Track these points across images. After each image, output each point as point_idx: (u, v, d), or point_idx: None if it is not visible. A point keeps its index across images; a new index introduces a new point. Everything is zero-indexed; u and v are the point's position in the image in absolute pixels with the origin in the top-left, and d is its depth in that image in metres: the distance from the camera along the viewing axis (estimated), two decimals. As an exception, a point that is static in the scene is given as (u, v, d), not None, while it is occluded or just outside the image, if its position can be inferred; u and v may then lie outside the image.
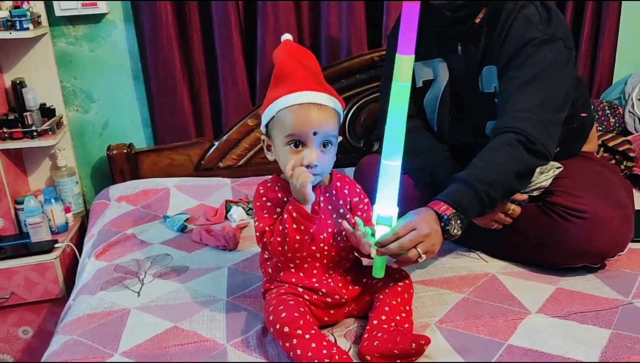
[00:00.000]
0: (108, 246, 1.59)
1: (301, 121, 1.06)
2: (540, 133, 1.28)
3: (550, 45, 1.34)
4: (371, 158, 1.67)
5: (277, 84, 1.11)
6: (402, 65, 1.07)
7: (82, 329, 1.18)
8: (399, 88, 1.08)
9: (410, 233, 1.11)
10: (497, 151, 1.28)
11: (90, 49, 2.02)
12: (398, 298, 1.12)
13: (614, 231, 1.28)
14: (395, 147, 1.10)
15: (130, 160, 2.02)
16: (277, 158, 1.12)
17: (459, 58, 1.46)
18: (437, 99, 1.53)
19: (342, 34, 2.06)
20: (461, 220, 1.19)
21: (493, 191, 1.23)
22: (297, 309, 1.05)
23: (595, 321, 1.14)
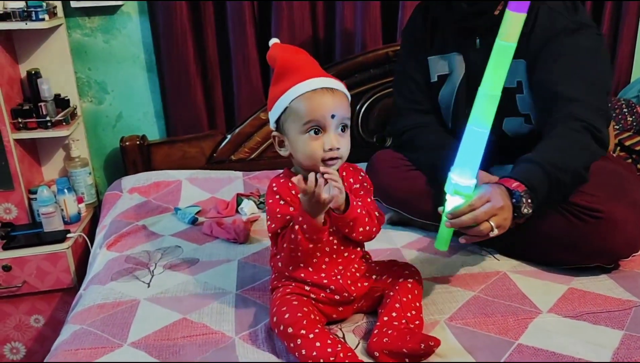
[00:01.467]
0: (119, 237, 1.59)
1: (318, 105, 1.05)
2: (601, 122, 1.28)
3: (583, 31, 1.34)
4: (384, 153, 1.66)
5: (282, 78, 1.09)
6: (511, 22, 1.02)
7: (92, 319, 1.19)
8: (502, 48, 1.04)
9: (485, 204, 1.08)
10: (565, 137, 1.25)
11: (105, 40, 2.03)
12: (409, 295, 1.12)
13: (629, 231, 1.26)
14: (487, 112, 1.06)
15: (143, 152, 2.03)
16: (295, 149, 1.09)
17: (478, 52, 1.44)
18: (452, 94, 1.52)
19: (356, 29, 2.05)
20: (532, 199, 1.16)
21: (563, 176, 1.20)
22: (301, 309, 1.04)
23: (607, 322, 1.13)
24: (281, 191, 1.10)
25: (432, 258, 1.41)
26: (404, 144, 1.59)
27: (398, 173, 1.56)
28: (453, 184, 1.09)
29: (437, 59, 1.52)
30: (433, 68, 1.54)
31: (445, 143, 1.50)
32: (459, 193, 1.09)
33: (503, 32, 1.04)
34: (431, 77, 1.55)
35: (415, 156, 1.55)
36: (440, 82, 1.54)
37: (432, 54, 1.55)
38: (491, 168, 1.54)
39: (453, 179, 1.10)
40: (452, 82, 1.51)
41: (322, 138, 1.06)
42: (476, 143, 1.08)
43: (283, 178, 1.13)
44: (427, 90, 1.57)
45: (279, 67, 1.11)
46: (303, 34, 2.03)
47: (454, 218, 1.10)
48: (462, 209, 1.09)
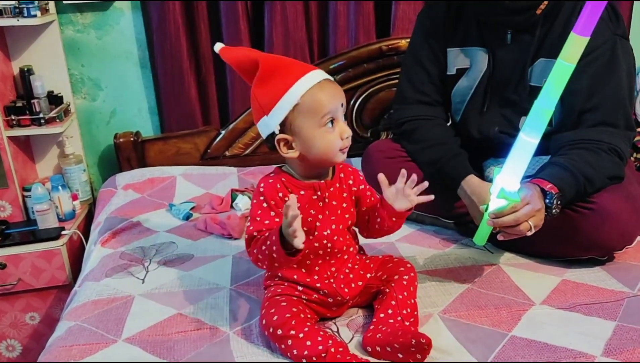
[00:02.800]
0: (114, 233, 1.59)
1: (331, 96, 1.04)
2: (627, 146, 1.35)
3: (621, 45, 1.34)
4: (381, 144, 1.65)
5: (272, 78, 1.04)
6: (574, 44, 1.05)
7: (87, 315, 1.19)
8: (563, 67, 1.07)
9: (525, 206, 1.16)
10: (595, 153, 1.30)
11: (98, 36, 2.02)
12: (404, 292, 1.11)
13: (622, 223, 1.27)
14: (539, 125, 1.12)
15: (137, 148, 2.03)
16: (310, 145, 1.04)
17: (508, 48, 1.42)
18: (470, 89, 1.49)
19: (350, 23, 2.05)
20: (561, 202, 1.23)
21: (589, 187, 1.27)
22: (289, 309, 1.03)
23: (600, 313, 1.14)
24: (267, 193, 1.08)
25: (425, 252, 1.42)
26: (403, 134, 1.57)
27: (394, 164, 1.55)
28: (500, 188, 1.16)
29: (457, 51, 1.49)
30: (452, 61, 1.51)
31: (446, 141, 1.50)
32: (506, 197, 1.15)
33: (565, 53, 1.07)
34: (448, 69, 1.52)
35: (414, 148, 1.54)
36: (457, 76, 1.51)
37: (452, 46, 1.50)
38: (487, 160, 1.55)
39: (500, 184, 1.16)
40: (472, 76, 1.48)
41: (335, 128, 1.05)
42: (525, 152, 1.14)
43: (273, 178, 1.10)
44: (438, 82, 1.54)
45: (267, 67, 1.05)
46: (296, 29, 2.03)
47: (496, 217, 1.16)
48: (506, 210, 1.15)
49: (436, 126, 1.53)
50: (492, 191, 1.18)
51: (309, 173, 1.10)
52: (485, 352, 1.03)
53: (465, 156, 1.45)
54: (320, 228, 1.10)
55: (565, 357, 1.01)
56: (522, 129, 1.13)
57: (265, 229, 1.05)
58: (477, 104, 1.49)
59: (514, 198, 1.15)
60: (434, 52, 1.52)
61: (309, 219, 1.09)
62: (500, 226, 1.18)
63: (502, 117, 1.46)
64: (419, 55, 1.54)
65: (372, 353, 1.02)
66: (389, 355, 1.01)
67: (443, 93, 1.55)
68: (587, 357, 1.00)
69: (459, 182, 1.40)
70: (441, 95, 1.55)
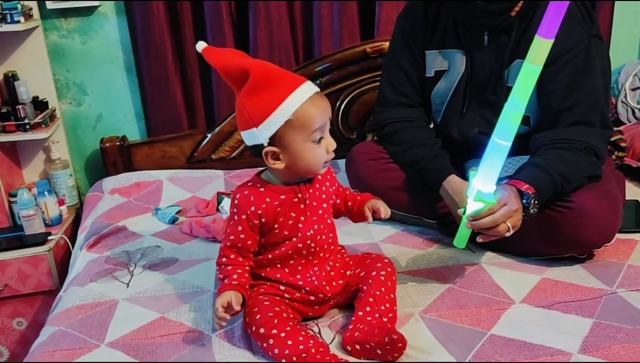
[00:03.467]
0: (99, 238, 1.60)
1: (322, 112, 1.04)
2: (604, 146, 1.36)
3: (596, 43, 1.35)
4: (363, 146, 1.67)
5: (264, 89, 1.01)
6: (539, 47, 1.06)
7: (70, 320, 1.19)
8: (530, 70, 1.08)
9: (502, 208, 1.17)
10: (572, 152, 1.31)
11: (83, 41, 2.02)
12: (382, 287, 1.12)
13: (601, 221, 1.28)
14: (510, 127, 1.13)
15: (123, 152, 2.03)
16: (298, 159, 1.05)
17: (485, 50, 1.44)
18: (449, 91, 1.51)
19: (334, 26, 2.06)
20: (538, 201, 1.24)
21: (566, 185, 1.28)
22: (272, 309, 1.05)
23: (578, 310, 1.15)
24: (239, 206, 1.08)
25: (408, 252, 1.43)
26: (385, 136, 1.59)
27: (377, 165, 1.57)
28: (477, 191, 1.17)
29: (435, 53, 1.51)
30: (430, 63, 1.52)
31: (427, 142, 1.51)
32: (482, 199, 1.16)
33: (531, 56, 1.08)
34: (427, 71, 1.53)
35: (395, 150, 1.56)
36: (436, 78, 1.52)
37: (430, 48, 1.52)
38: (468, 161, 1.57)
39: (476, 186, 1.17)
40: (450, 78, 1.50)
41: (322, 142, 1.07)
42: (499, 154, 1.15)
43: (248, 189, 1.09)
44: (418, 84, 1.56)
45: (258, 78, 1.01)
46: (281, 32, 2.04)
47: (474, 220, 1.17)
48: (483, 212, 1.17)
49: (417, 128, 1.54)
50: (469, 194, 1.19)
51: (291, 180, 1.11)
52: (464, 351, 1.04)
53: (446, 157, 1.47)
54: (303, 229, 1.11)
55: (543, 354, 1.02)
56: (494, 133, 1.15)
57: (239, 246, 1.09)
58: (456, 106, 1.51)
59: (490, 200, 1.16)
60: (412, 55, 1.53)
61: (290, 222, 1.10)
62: (479, 229, 1.19)
63: (482, 118, 1.48)
64: (399, 58, 1.56)
65: (352, 352, 1.04)
66: (368, 353, 1.02)
67: (423, 95, 1.57)
68: (564, 354, 1.02)
69: (441, 182, 1.41)
70: (422, 97, 1.57)
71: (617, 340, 1.04)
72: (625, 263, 1.33)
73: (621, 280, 1.26)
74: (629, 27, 2.31)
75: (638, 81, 2.10)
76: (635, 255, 1.36)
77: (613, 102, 2.09)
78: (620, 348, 1.02)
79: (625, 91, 2.09)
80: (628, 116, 2.08)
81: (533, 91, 1.40)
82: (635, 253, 1.37)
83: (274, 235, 1.11)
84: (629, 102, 2.08)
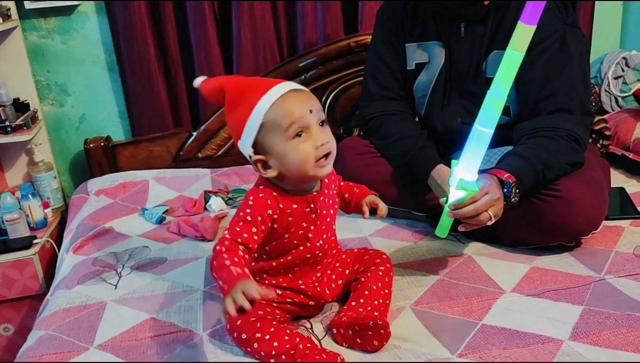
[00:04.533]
0: (86, 240, 1.58)
1: (294, 106, 0.99)
2: (585, 132, 1.37)
3: (572, 34, 1.36)
4: (350, 140, 1.66)
5: (239, 102, 1.02)
6: (522, 33, 1.06)
7: (58, 324, 1.17)
8: (512, 57, 1.08)
9: (484, 196, 1.17)
10: (553, 140, 1.32)
11: (63, 41, 2.00)
12: (379, 282, 1.13)
13: (586, 209, 1.29)
14: (493, 115, 1.13)
15: (108, 153, 2.01)
16: (285, 161, 1.01)
17: (462, 41, 1.44)
18: (430, 83, 1.51)
19: (318, 21, 2.05)
20: (520, 190, 1.24)
21: (548, 173, 1.28)
22: (255, 313, 1.00)
23: (568, 298, 1.16)
24: (255, 208, 1.02)
25: (398, 245, 1.43)
26: (371, 130, 1.59)
27: (364, 160, 1.57)
28: (459, 179, 1.17)
29: (415, 46, 1.51)
30: (410, 56, 1.53)
31: (413, 134, 1.51)
32: (464, 188, 1.16)
33: (514, 42, 1.08)
34: (408, 64, 1.54)
35: (381, 144, 1.56)
36: (417, 70, 1.53)
37: (410, 41, 1.52)
38: (454, 153, 1.57)
39: (458, 175, 1.17)
40: (431, 71, 1.50)
41: (308, 138, 1.00)
42: (481, 142, 1.15)
43: (263, 193, 1.05)
44: (400, 77, 1.56)
45: (232, 93, 1.03)
46: (264, 28, 2.03)
47: (456, 209, 1.17)
48: (465, 201, 1.16)
49: (402, 121, 1.54)
50: (451, 183, 1.19)
51: (297, 188, 1.07)
52: (457, 341, 1.04)
53: (432, 148, 1.47)
54: (312, 239, 1.09)
55: (534, 342, 1.02)
56: (477, 120, 1.15)
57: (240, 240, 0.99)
58: (438, 98, 1.51)
59: (472, 188, 1.16)
60: (394, 48, 1.54)
61: (300, 232, 1.08)
62: (461, 217, 1.19)
63: (464, 109, 1.48)
64: (380, 52, 1.56)
65: (336, 336, 1.04)
66: (351, 338, 1.02)
67: (406, 88, 1.57)
68: (555, 341, 1.02)
69: (429, 172, 1.41)
70: (405, 90, 1.57)
71: (607, 326, 1.05)
72: (613, 249, 1.34)
73: (609, 266, 1.27)
74: (611, 16, 2.32)
75: (620, 70, 2.11)
76: (622, 242, 1.37)
77: (597, 91, 2.10)
78: (610, 334, 1.03)
79: (609, 79, 2.11)
80: (612, 104, 2.10)
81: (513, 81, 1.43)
82: (622, 240, 1.38)
83: (282, 244, 1.08)
84: (612, 90, 2.10)
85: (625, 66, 2.11)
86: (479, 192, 1.17)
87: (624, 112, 1.99)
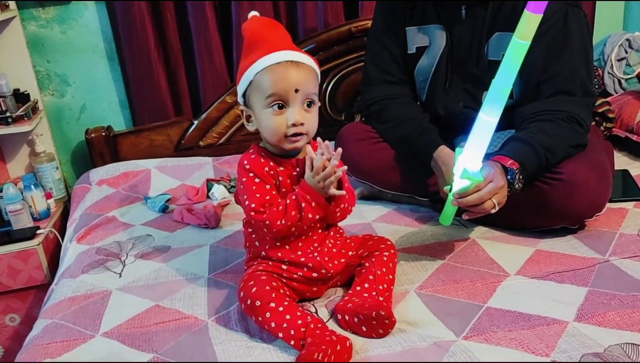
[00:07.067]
0: (89, 229, 1.58)
1: (281, 79, 1.03)
2: (588, 114, 1.36)
3: (573, 14, 1.34)
4: (352, 126, 1.65)
5: (250, 51, 1.07)
6: (528, 22, 1.05)
7: (63, 312, 1.18)
8: (518, 46, 1.07)
9: (488, 185, 1.17)
10: (554, 123, 1.31)
11: (62, 31, 1.98)
12: (383, 267, 1.13)
13: (590, 191, 1.29)
14: (498, 103, 1.12)
15: (110, 143, 2.00)
16: (260, 124, 1.08)
17: (463, 23, 1.43)
18: (431, 67, 1.50)
19: (318, 6, 2.03)
20: (523, 176, 1.24)
21: (551, 157, 1.28)
22: (269, 283, 1.04)
23: (572, 280, 1.16)
24: (254, 169, 1.08)
25: (402, 230, 1.43)
26: (372, 115, 1.58)
27: (366, 145, 1.56)
28: (463, 168, 1.16)
29: (415, 30, 1.50)
30: (411, 39, 1.52)
31: (415, 117, 1.51)
32: (469, 177, 1.16)
33: (519, 31, 1.07)
34: (409, 48, 1.53)
35: (383, 128, 1.55)
36: (418, 54, 1.52)
37: (410, 25, 1.51)
38: (457, 137, 1.56)
39: (463, 164, 1.17)
40: (432, 54, 1.49)
41: (285, 113, 1.04)
42: (486, 131, 1.15)
43: (254, 154, 1.10)
44: (401, 61, 1.55)
45: (248, 41, 1.09)
46: (265, 13, 1.99)
47: (460, 197, 1.17)
48: (469, 190, 1.16)
49: (404, 104, 1.53)
50: (455, 172, 1.19)
51: (280, 151, 1.10)
52: (462, 323, 1.04)
53: (435, 130, 1.47)
54: None
55: (539, 324, 1.02)
56: (482, 109, 1.14)
57: (267, 202, 1.06)
58: (439, 81, 1.50)
59: (477, 178, 1.16)
60: (394, 32, 1.53)
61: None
62: (465, 206, 1.18)
63: (466, 93, 1.48)
64: (381, 36, 1.55)
65: (341, 322, 1.04)
66: (356, 326, 1.02)
67: (407, 72, 1.56)
68: (560, 323, 1.02)
69: (431, 154, 1.41)
70: (406, 74, 1.56)
71: (612, 307, 1.05)
72: (617, 231, 1.34)
73: (613, 248, 1.27)
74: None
75: (624, 52, 2.10)
76: (627, 224, 1.37)
77: (600, 73, 2.09)
78: (615, 315, 1.03)
79: (612, 62, 2.09)
80: (615, 86, 2.08)
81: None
82: (626, 222, 1.38)
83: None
84: (615, 73, 2.08)
85: (628, 47, 2.10)
86: (483, 181, 1.16)
87: (628, 95, 1.98)
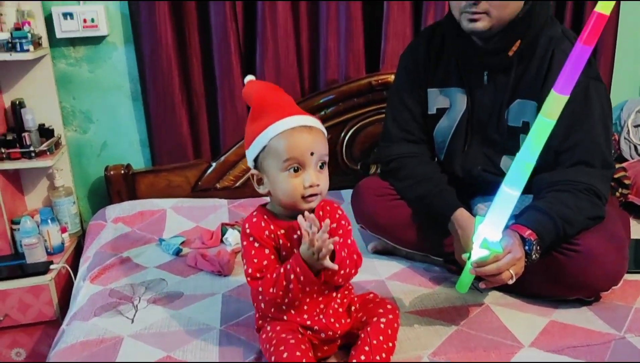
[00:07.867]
0: (103, 269, 1.59)
1: (297, 144, 1.06)
2: (606, 187, 1.37)
3: (595, 85, 1.37)
4: (370, 181, 1.66)
5: (258, 116, 1.10)
6: (554, 102, 1.09)
7: (75, 357, 1.18)
8: (543, 123, 1.10)
9: (507, 256, 1.18)
10: (573, 194, 1.32)
11: (90, 70, 2.03)
12: (380, 336, 1.10)
13: (607, 265, 1.28)
14: (521, 177, 1.14)
15: (128, 181, 2.03)
16: (275, 187, 1.09)
17: (485, 88, 1.46)
18: (451, 128, 1.53)
19: (340, 58, 2.08)
20: (540, 247, 1.25)
21: (569, 228, 1.28)
22: (299, 347, 1.04)
23: (588, 356, 1.14)
24: (254, 233, 1.10)
25: (415, 290, 1.42)
26: (391, 172, 1.59)
27: (383, 201, 1.57)
28: (483, 238, 1.18)
29: (437, 91, 1.53)
30: (432, 100, 1.54)
31: (433, 176, 1.52)
32: (488, 247, 1.17)
33: (545, 110, 1.10)
34: (429, 109, 1.55)
35: (402, 186, 1.56)
36: (438, 115, 1.54)
37: (432, 86, 1.54)
38: (474, 198, 1.57)
39: (483, 234, 1.18)
40: (452, 116, 1.52)
41: (301, 175, 1.07)
42: (507, 203, 1.16)
43: (256, 217, 1.13)
44: (421, 121, 1.57)
45: (256, 106, 1.12)
46: (288, 64, 2.05)
47: (479, 267, 1.18)
48: (488, 260, 1.17)
49: (422, 163, 1.55)
50: (475, 241, 1.19)
51: (287, 212, 1.12)
52: (476, 397, 1.03)
53: (452, 192, 1.48)
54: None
55: (554, 402, 1.01)
56: (504, 181, 1.16)
57: (264, 268, 1.08)
58: (458, 144, 1.52)
59: (496, 249, 1.17)
60: (416, 92, 1.56)
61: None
62: (483, 275, 1.19)
63: (484, 156, 1.49)
64: (402, 95, 1.58)
65: None
66: None
67: (427, 132, 1.58)
68: (575, 402, 1.01)
69: (449, 216, 1.42)
70: (425, 133, 1.59)
71: (629, 388, 1.04)
72: (632, 306, 1.32)
73: (629, 324, 1.25)
74: (631, 64, 2.33)
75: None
76: (642, 298, 1.36)
77: (616, 138, 2.10)
78: (632, 397, 1.01)
79: (628, 127, 2.11)
80: (631, 152, 2.10)
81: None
82: (642, 296, 1.37)
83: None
84: (631, 138, 2.10)
85: (645, 114, 2.11)
86: (502, 252, 1.17)
87: (644, 162, 1.98)
